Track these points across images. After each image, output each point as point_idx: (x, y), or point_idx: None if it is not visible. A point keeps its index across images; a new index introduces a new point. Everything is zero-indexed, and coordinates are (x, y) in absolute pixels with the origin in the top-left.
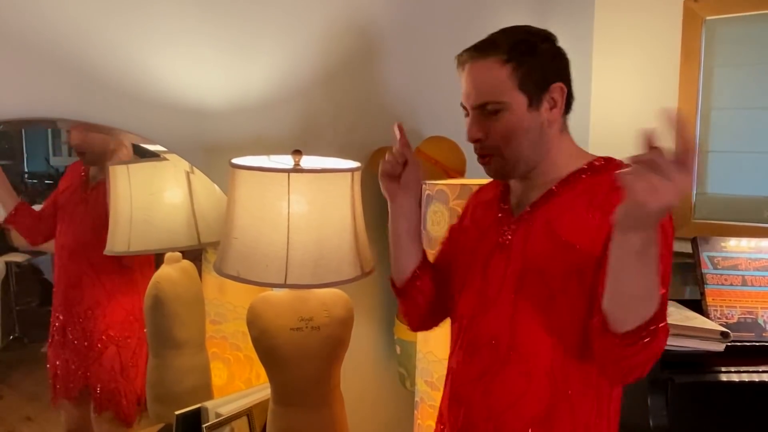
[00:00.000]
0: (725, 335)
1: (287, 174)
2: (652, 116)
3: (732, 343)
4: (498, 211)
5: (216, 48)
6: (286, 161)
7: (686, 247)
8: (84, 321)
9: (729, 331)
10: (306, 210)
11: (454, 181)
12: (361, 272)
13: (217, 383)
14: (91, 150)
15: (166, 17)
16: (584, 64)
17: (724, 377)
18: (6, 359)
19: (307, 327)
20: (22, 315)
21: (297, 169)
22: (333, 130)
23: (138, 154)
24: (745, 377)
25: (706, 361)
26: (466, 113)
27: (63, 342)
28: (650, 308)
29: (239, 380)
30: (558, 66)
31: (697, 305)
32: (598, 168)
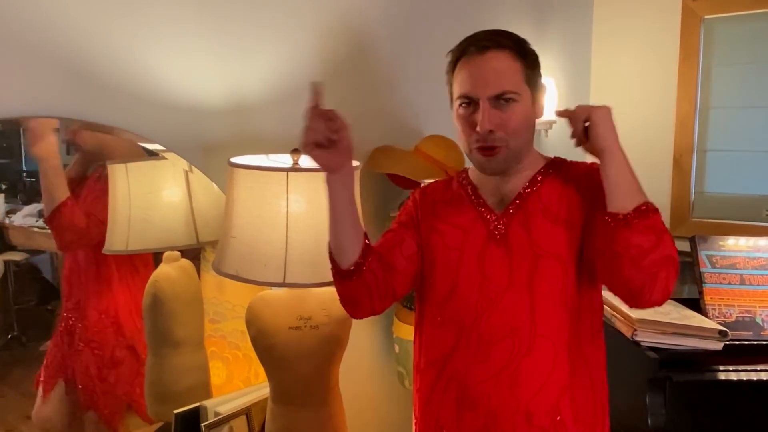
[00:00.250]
0: (723, 334)
1: (286, 173)
2: (651, 115)
3: (730, 342)
4: (474, 209)
5: (215, 47)
6: (285, 160)
7: (684, 246)
8: (65, 320)
9: (727, 330)
10: (304, 209)
11: None
12: None
13: (216, 382)
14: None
15: (165, 16)
16: (583, 63)
17: (723, 376)
18: (4, 358)
19: (306, 326)
20: (21, 314)
21: (295, 168)
22: None
23: (137, 154)
24: (743, 376)
25: (705, 360)
26: (467, 104)
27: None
28: (643, 195)
29: (238, 379)
30: (540, 69)
31: (696, 304)
32: (560, 164)
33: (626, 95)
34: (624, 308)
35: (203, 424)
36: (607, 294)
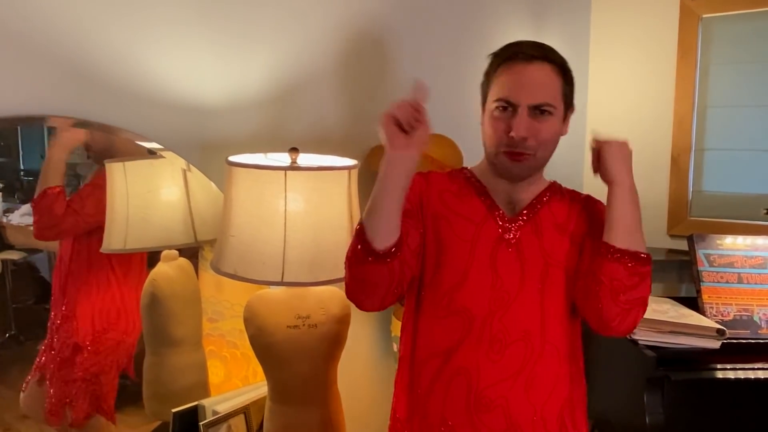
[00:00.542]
0: (721, 332)
1: (284, 172)
2: (649, 113)
3: (728, 341)
4: (485, 207)
5: (213, 45)
6: (283, 159)
7: (682, 245)
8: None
9: (725, 329)
10: (303, 208)
11: None
12: None
13: (214, 381)
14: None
15: (164, 15)
16: (581, 63)
17: (720, 374)
18: (2, 357)
19: (304, 325)
20: (18, 313)
21: (294, 167)
22: (330, 128)
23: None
24: (741, 374)
25: (702, 359)
26: (504, 108)
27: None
28: (642, 243)
29: (236, 378)
30: (574, 90)
31: (693, 302)
32: (560, 187)
33: (624, 94)
34: None
35: (201, 423)
36: None
